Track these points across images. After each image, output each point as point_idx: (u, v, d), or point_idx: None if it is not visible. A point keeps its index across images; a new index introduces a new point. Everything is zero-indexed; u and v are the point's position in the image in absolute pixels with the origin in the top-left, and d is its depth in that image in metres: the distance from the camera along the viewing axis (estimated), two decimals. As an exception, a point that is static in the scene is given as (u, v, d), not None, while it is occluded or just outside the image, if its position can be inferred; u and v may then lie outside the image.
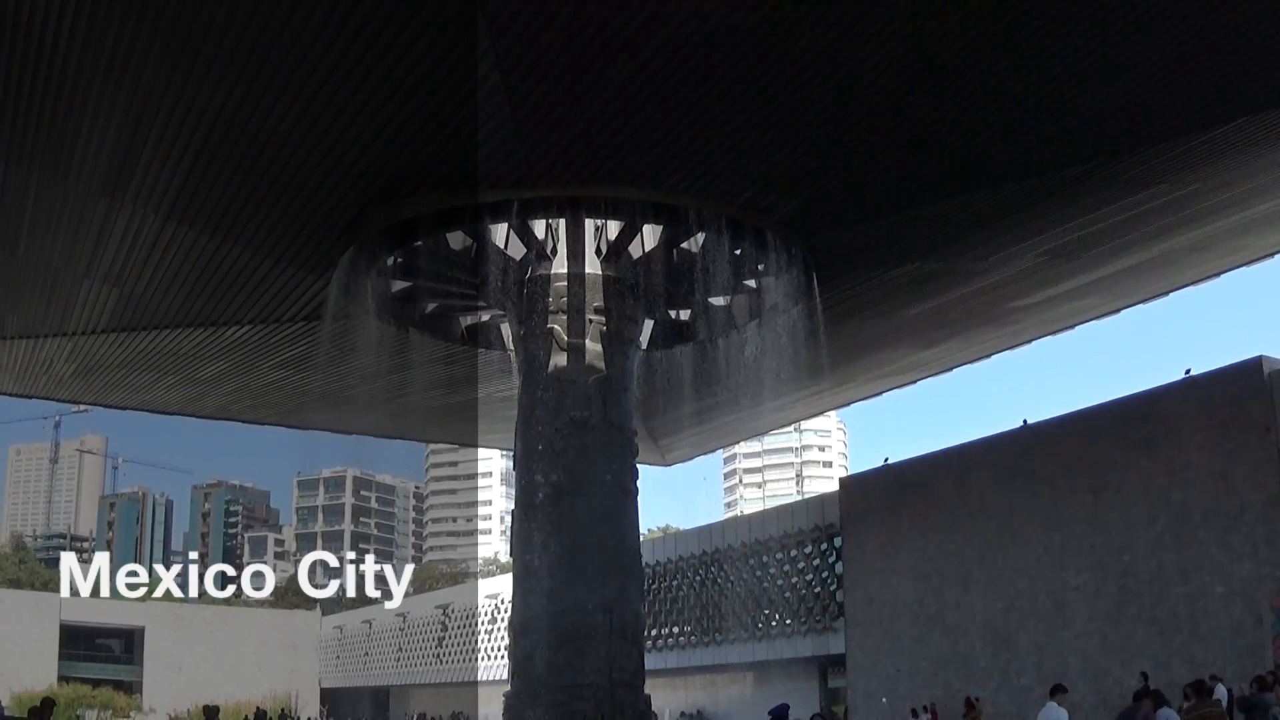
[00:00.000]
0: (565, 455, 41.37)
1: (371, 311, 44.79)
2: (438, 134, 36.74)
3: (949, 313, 52.82)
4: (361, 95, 33.24)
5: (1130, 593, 60.99)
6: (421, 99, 34.11)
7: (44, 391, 66.71)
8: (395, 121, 35.44)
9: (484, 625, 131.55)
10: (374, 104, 33.86)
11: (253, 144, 36.00)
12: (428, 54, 31.82)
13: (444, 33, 30.91)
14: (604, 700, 39.99)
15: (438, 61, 32.17)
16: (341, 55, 31.48)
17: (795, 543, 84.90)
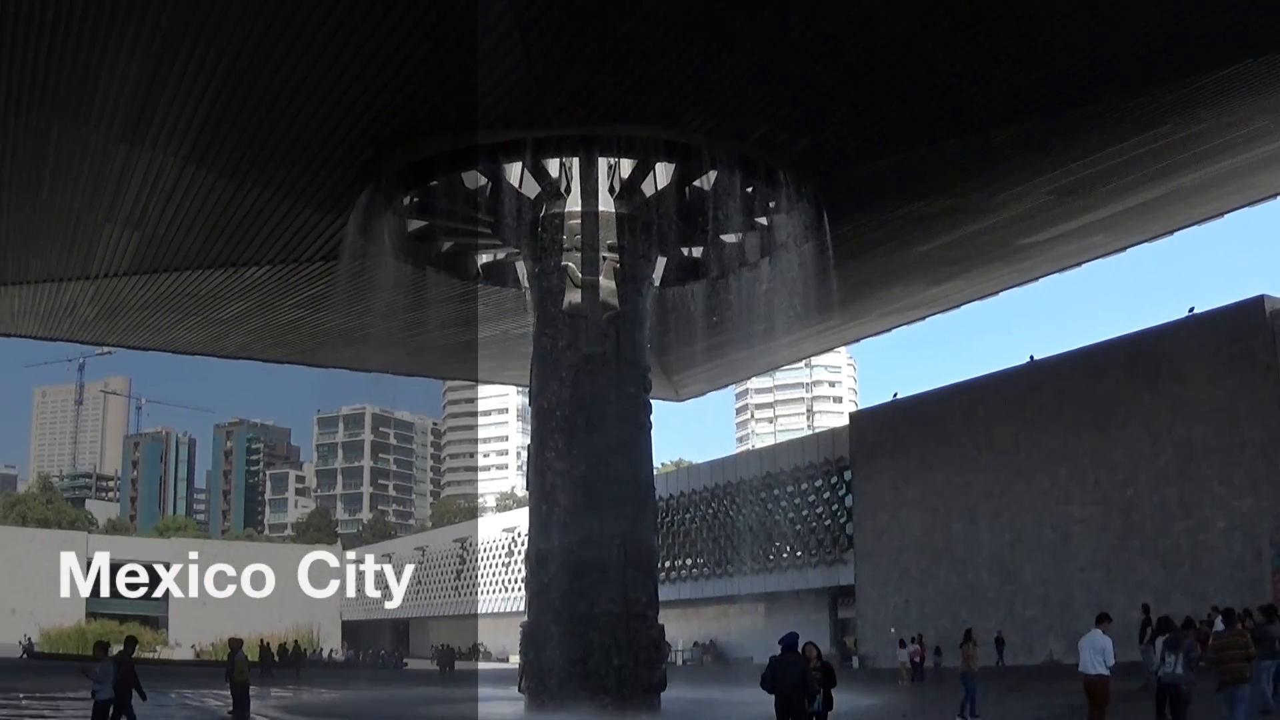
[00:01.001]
0: (579, 390, 42.03)
1: (388, 251, 45.51)
2: (452, 74, 37.26)
3: (958, 250, 53.23)
4: (377, 36, 33.69)
5: (1133, 526, 61.73)
6: (435, 40, 34.58)
7: (68, 334, 67.30)
8: (410, 62, 35.93)
9: (501, 558, 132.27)
10: (389, 45, 34.31)
11: (270, 86, 36.57)
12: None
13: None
14: (619, 630, 40.75)
15: (451, 2, 32.64)
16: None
17: (806, 476, 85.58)
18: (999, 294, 63.18)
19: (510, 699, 45.06)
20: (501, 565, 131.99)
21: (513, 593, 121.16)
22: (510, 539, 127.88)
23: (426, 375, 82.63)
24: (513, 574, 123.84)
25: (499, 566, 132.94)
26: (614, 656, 40.15)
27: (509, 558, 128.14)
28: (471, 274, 50.48)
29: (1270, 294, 57.80)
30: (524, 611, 45.26)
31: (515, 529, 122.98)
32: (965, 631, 38.74)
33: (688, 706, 43.07)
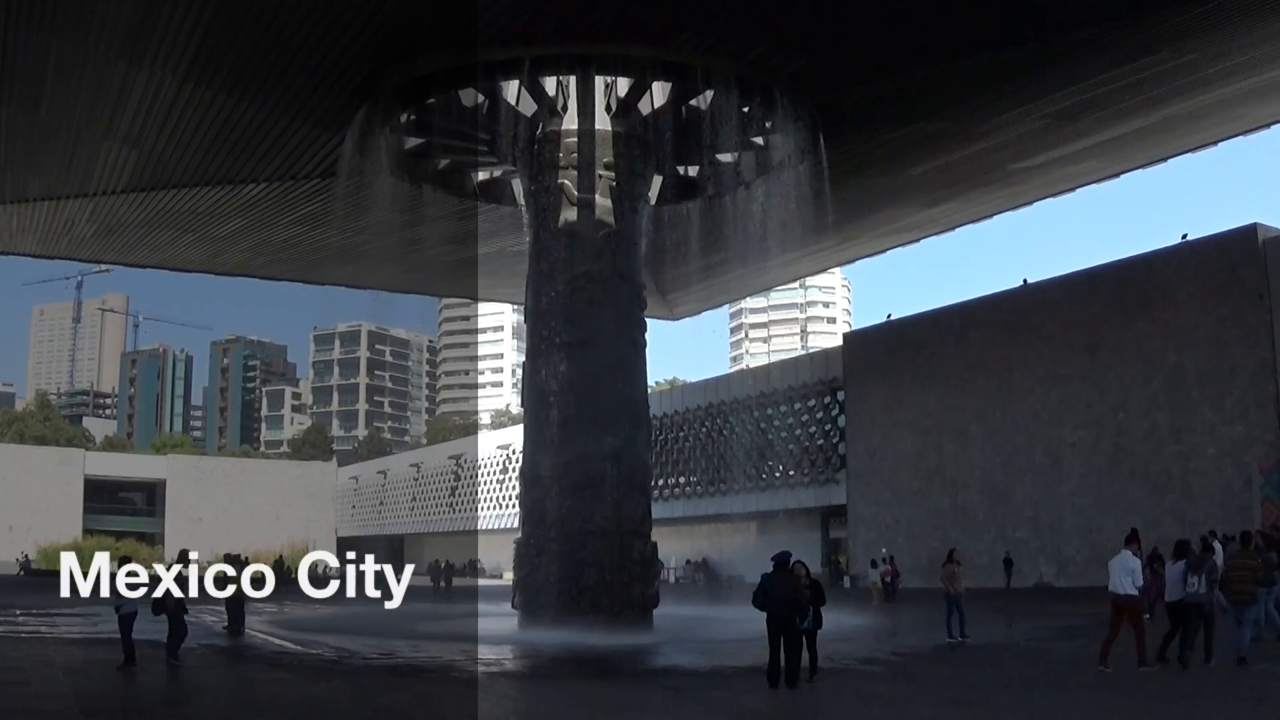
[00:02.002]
0: (575, 308, 42.27)
1: (386, 168, 45.61)
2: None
3: (953, 173, 53.33)
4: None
5: (1124, 451, 61.99)
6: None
7: (66, 252, 67.43)
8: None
9: (495, 475, 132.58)
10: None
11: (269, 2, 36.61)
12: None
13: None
14: (612, 547, 41.18)
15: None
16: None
17: (799, 396, 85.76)
18: (993, 217, 63.35)
19: (504, 615, 45.40)
20: (496, 482, 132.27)
21: (507, 509, 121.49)
22: (505, 456, 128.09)
23: (423, 292, 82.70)
24: (507, 491, 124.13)
25: (494, 483, 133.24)
26: (607, 573, 40.58)
27: (504, 475, 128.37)
28: (468, 191, 50.63)
29: (1262, 222, 58.00)
30: (518, 528, 45.65)
31: (510, 446, 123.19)
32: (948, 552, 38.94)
33: (680, 623, 43.38)
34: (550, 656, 33.75)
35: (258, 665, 27.91)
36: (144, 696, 23.20)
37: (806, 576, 25.51)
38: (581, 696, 24.62)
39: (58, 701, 21.21)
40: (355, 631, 40.66)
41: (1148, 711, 22.36)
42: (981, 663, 31.70)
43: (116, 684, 24.54)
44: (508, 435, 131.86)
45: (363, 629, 42.06)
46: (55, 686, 23.29)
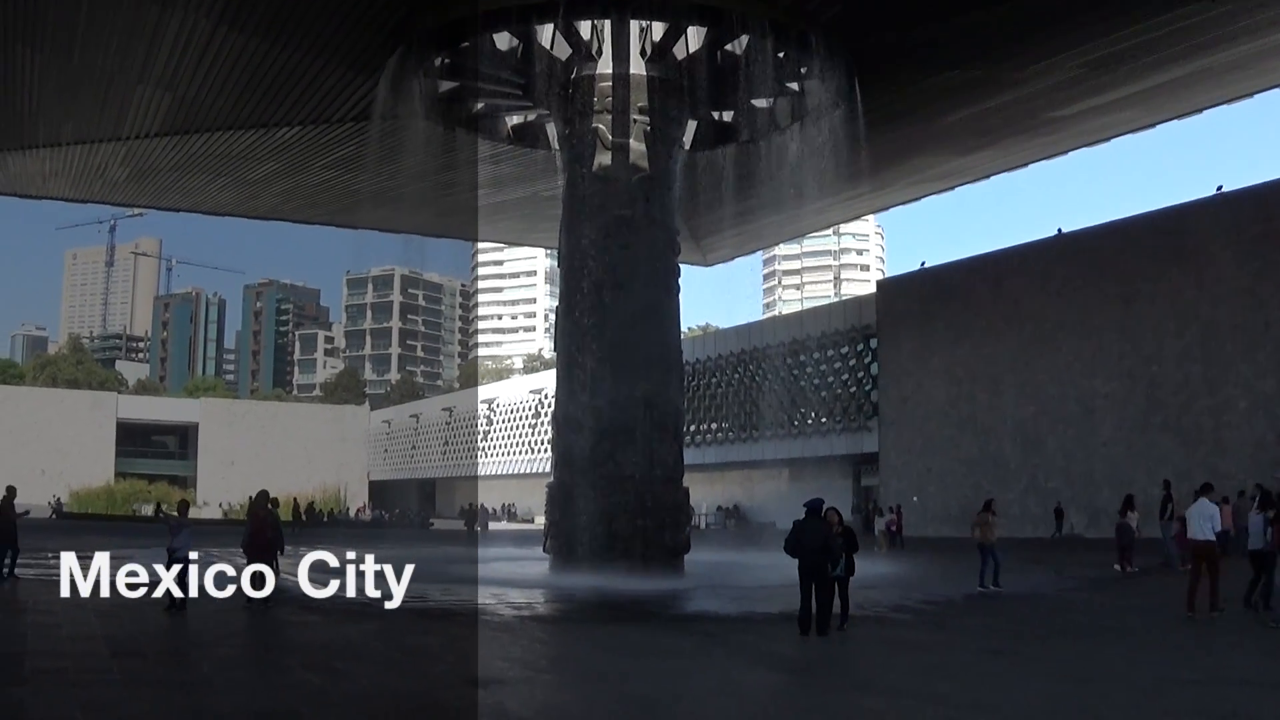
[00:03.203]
0: (609, 253, 42.18)
1: (419, 112, 45.49)
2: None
3: (988, 121, 53.02)
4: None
5: (1157, 402, 61.79)
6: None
7: (99, 196, 67.64)
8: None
9: (528, 420, 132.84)
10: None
11: (304, -55, 36.53)
12: None
13: None
14: (644, 493, 41.17)
15: None
16: None
17: (832, 343, 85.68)
18: (1027, 166, 62.91)
19: (536, 559, 45.47)
20: (528, 427, 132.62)
21: (539, 454, 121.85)
22: (537, 401, 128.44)
23: (456, 236, 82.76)
24: (539, 436, 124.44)
25: (526, 428, 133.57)
26: (639, 518, 40.60)
27: (535, 419, 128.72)
28: (502, 135, 50.53)
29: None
30: (550, 473, 45.69)
31: (542, 390, 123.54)
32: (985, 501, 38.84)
33: (711, 569, 43.30)
34: (581, 601, 33.76)
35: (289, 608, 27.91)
36: (174, 639, 23.28)
37: (839, 523, 25.47)
38: (612, 641, 24.65)
39: (89, 644, 21.27)
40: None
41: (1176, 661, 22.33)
42: (1013, 613, 31.66)
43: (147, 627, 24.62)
44: (540, 380, 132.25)
45: (394, 572, 42.19)
46: (87, 629, 23.36)
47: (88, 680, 17.16)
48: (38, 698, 15.78)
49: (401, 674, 18.95)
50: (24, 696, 15.77)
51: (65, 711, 14.87)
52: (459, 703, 16.26)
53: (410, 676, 18.66)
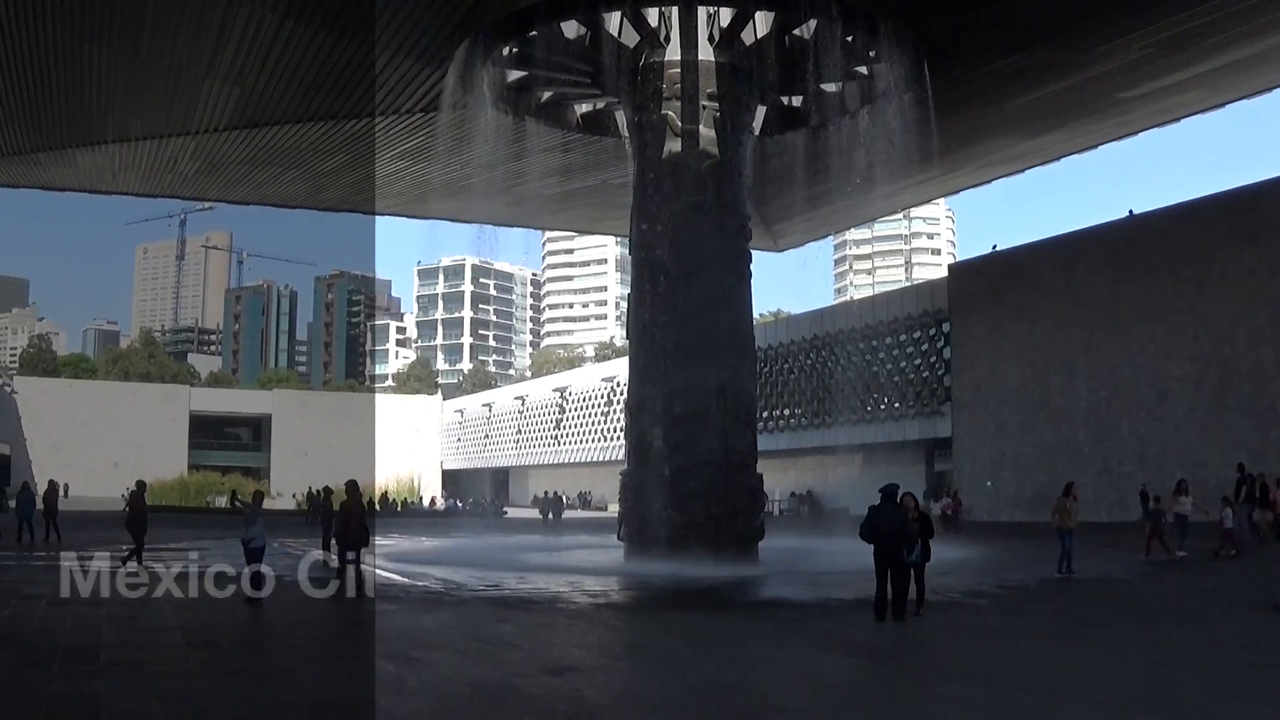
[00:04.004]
0: (680, 240, 42.12)
1: (488, 101, 45.53)
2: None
3: (1057, 103, 52.64)
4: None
5: (1230, 385, 61.08)
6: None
7: (169, 190, 68.08)
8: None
9: (600, 407, 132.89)
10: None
11: (371, -63, 36.59)
12: None
13: None
14: (718, 479, 41.13)
15: None
16: None
17: (904, 328, 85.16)
18: (1097, 148, 62.48)
19: (610, 547, 45.50)
20: (601, 415, 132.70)
21: (612, 442, 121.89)
22: (609, 388, 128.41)
23: (526, 226, 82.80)
24: (612, 423, 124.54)
25: (598, 416, 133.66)
26: (713, 505, 40.56)
27: (608, 407, 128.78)
28: (571, 124, 50.58)
29: (1375, 154, 56.93)
30: (623, 460, 45.70)
31: (614, 378, 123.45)
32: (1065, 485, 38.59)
33: (785, 556, 43.27)
34: (656, 588, 33.80)
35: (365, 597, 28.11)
36: (249, 630, 23.40)
37: (915, 509, 25.39)
38: (688, 628, 24.65)
39: (164, 635, 21.41)
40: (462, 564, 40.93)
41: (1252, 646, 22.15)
42: (1088, 597, 31.52)
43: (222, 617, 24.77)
44: (612, 368, 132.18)
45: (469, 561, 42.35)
46: (162, 620, 23.52)
47: (164, 671, 17.27)
48: (114, 689, 15.89)
49: (478, 662, 18.98)
50: (100, 688, 15.88)
51: (141, 703, 14.95)
52: (536, 690, 16.29)
53: (487, 665, 18.69)
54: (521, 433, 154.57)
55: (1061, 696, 16.40)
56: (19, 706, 14.68)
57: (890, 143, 45.57)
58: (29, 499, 50.45)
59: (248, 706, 15.02)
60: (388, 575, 35.35)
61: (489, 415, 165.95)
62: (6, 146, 56.76)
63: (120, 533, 42.18)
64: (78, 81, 48.18)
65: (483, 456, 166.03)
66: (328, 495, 42.18)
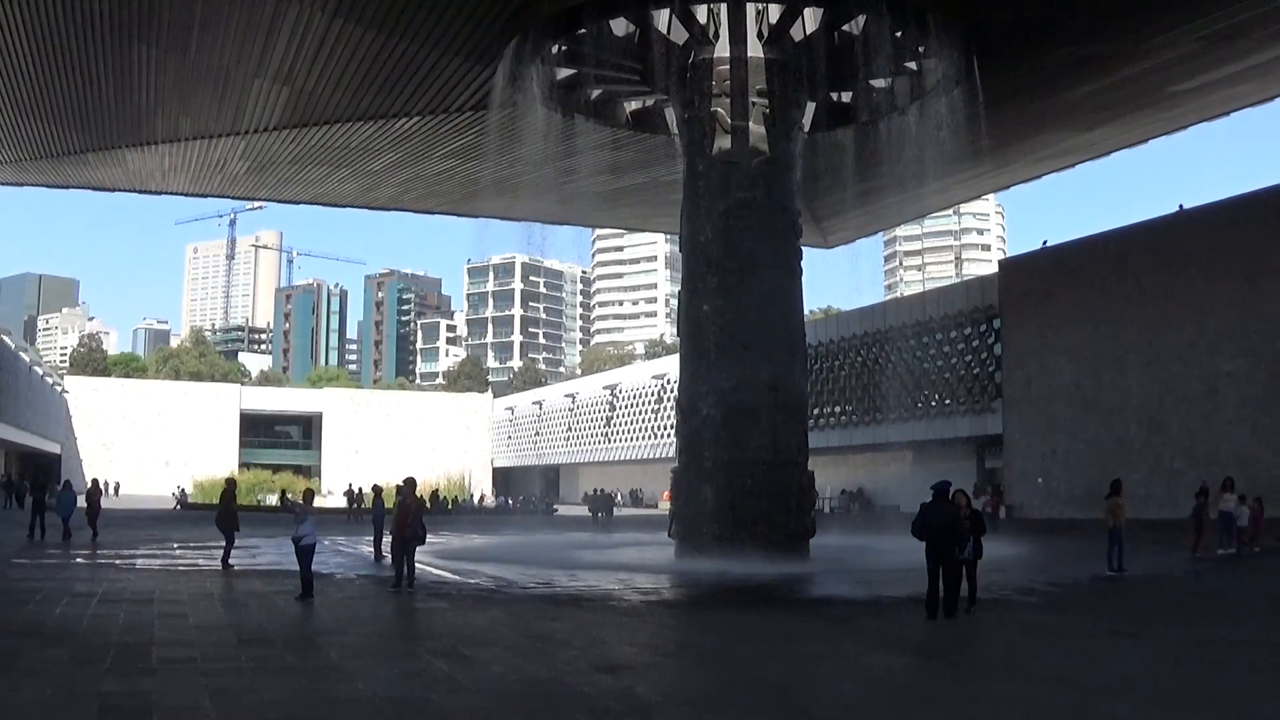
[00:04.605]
0: (730, 237, 42.08)
1: (538, 99, 45.57)
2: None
3: (1107, 97, 52.43)
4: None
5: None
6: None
7: (219, 190, 68.48)
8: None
9: (650, 405, 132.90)
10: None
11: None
12: None
13: None
14: (769, 476, 41.11)
15: None
16: None
17: (955, 324, 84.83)
18: (1148, 142, 62.17)
19: (661, 544, 45.52)
20: (651, 412, 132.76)
21: (662, 439, 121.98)
22: (660, 386, 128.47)
23: (576, 223, 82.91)
24: (662, 421, 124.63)
25: (649, 413, 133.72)
26: (764, 502, 40.55)
27: (658, 404, 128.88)
28: (621, 121, 50.60)
29: None
30: (674, 458, 45.71)
31: (665, 375, 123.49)
32: (1112, 483, 38.45)
33: (836, 553, 43.22)
34: (707, 586, 33.81)
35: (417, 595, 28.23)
36: (301, 627, 23.49)
37: (967, 506, 25.34)
38: (739, 625, 24.64)
39: (216, 633, 21.52)
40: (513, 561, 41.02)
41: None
42: (1139, 594, 31.44)
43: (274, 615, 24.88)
44: (663, 365, 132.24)
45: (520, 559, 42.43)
46: (214, 618, 23.66)
47: (216, 669, 17.34)
48: (166, 686, 15.95)
49: (530, 660, 19.01)
50: (152, 686, 15.94)
51: (194, 700, 15.01)
52: (588, 688, 16.31)
53: (539, 662, 18.72)
54: (572, 430, 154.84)
55: (1112, 694, 16.35)
56: (72, 704, 14.76)
57: (940, 138, 45.41)
58: (70, 498, 50.60)
59: (300, 705, 15.07)
60: (439, 573, 35.44)
61: (539, 413, 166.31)
62: (57, 147, 57.20)
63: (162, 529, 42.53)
64: (127, 82, 48.48)
65: (533, 454, 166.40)
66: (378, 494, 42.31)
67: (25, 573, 34.61)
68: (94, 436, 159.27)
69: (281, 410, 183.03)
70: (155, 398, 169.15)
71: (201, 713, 14.28)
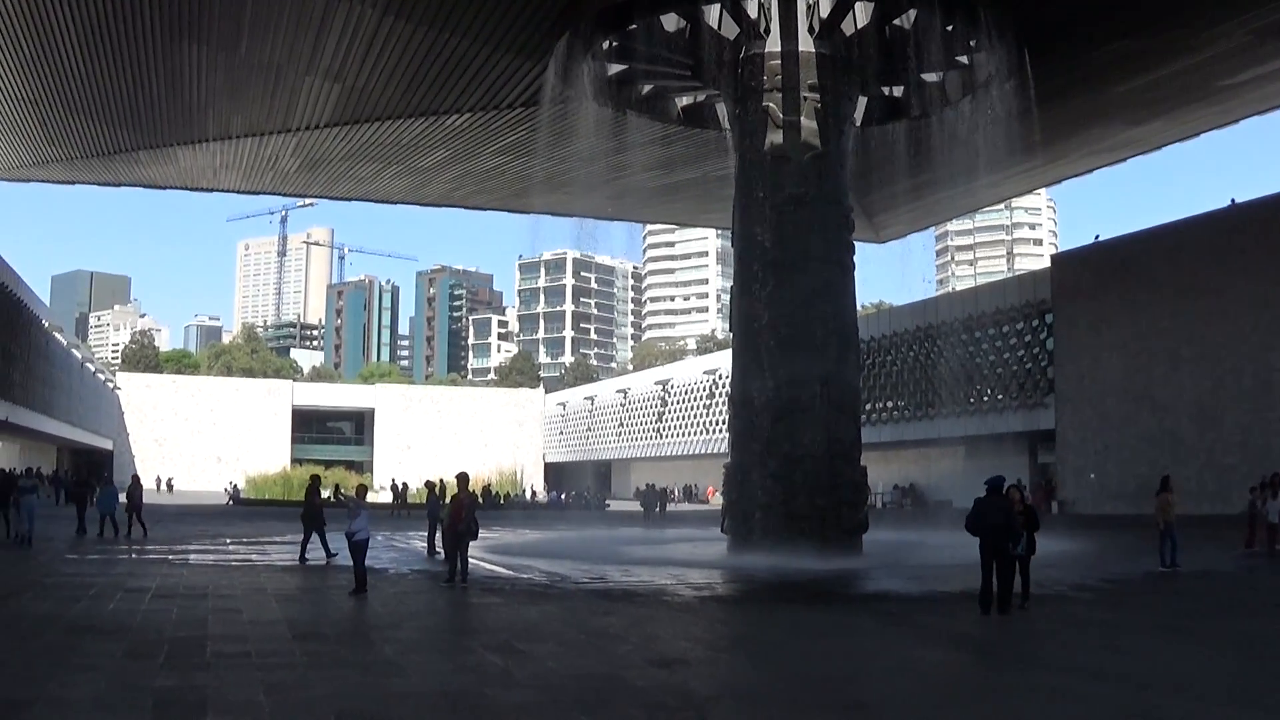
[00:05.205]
0: (783, 231, 41.96)
1: (588, 95, 45.58)
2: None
3: (1159, 91, 52.24)
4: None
5: (1336, 376, 60.39)
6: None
7: (270, 187, 68.84)
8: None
9: (702, 400, 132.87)
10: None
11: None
12: None
13: None
14: (822, 471, 40.98)
15: None
16: None
17: (1007, 319, 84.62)
18: (1199, 135, 61.92)
19: (714, 539, 45.47)
20: (703, 407, 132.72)
21: (714, 434, 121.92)
22: (711, 381, 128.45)
23: (627, 219, 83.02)
24: (714, 416, 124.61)
25: (700, 408, 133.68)
26: (817, 497, 40.41)
27: (710, 399, 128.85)
28: (672, 116, 50.58)
29: None
30: (725, 453, 45.67)
31: (717, 370, 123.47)
32: (1163, 479, 38.18)
33: (889, 548, 43.10)
34: (761, 581, 33.76)
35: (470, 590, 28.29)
36: (355, 622, 23.56)
37: (1020, 501, 25.27)
38: (793, 621, 24.61)
39: (270, 628, 21.58)
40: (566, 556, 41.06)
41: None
42: (1193, 590, 31.29)
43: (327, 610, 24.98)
44: (714, 360, 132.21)
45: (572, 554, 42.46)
46: (267, 613, 23.72)
47: (270, 664, 17.39)
48: (221, 681, 16.01)
49: (584, 654, 19.04)
50: (207, 681, 16.00)
51: (248, 694, 15.06)
52: (643, 682, 16.31)
53: (593, 657, 18.75)
54: (624, 425, 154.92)
55: (1166, 690, 16.29)
56: (127, 699, 14.84)
57: (991, 132, 45.25)
58: (111, 494, 50.65)
59: (355, 699, 15.12)
60: (492, 568, 35.49)
61: (591, 408, 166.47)
62: (108, 145, 57.59)
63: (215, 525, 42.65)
64: (178, 80, 48.78)
65: (585, 449, 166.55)
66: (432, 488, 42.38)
67: (78, 568, 34.78)
68: (146, 433, 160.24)
69: (334, 406, 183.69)
70: (207, 394, 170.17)
71: (256, 707, 14.33)
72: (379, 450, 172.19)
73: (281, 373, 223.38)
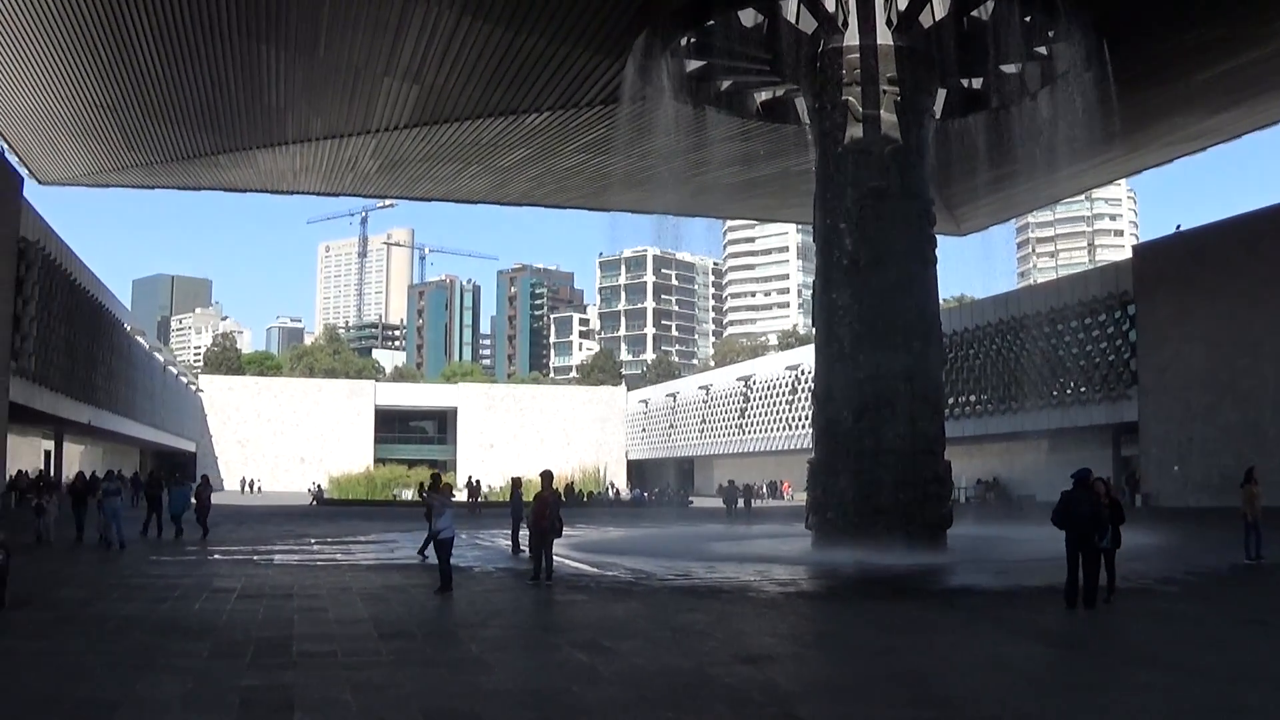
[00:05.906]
0: (864, 225, 41.88)
1: (668, 92, 45.61)
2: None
3: (1238, 79, 51.80)
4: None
5: None
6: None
7: (350, 189, 69.28)
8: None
9: (785, 396, 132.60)
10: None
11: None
12: None
13: None
14: (906, 466, 40.90)
15: None
16: None
17: (1089, 310, 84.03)
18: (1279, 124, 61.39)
19: (798, 535, 45.42)
20: (785, 403, 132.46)
21: (797, 430, 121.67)
22: (794, 376, 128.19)
23: (707, 215, 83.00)
24: (796, 411, 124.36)
25: (783, 404, 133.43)
26: (901, 492, 40.31)
27: (793, 395, 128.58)
28: (751, 112, 50.53)
29: None
30: (808, 449, 45.60)
31: (799, 366, 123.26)
32: (1247, 471, 37.76)
33: (973, 543, 42.93)
34: (846, 576, 33.72)
35: (555, 588, 28.39)
36: (441, 620, 23.65)
37: (1106, 494, 25.14)
38: (878, 616, 24.60)
39: (356, 627, 21.70)
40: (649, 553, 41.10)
41: None
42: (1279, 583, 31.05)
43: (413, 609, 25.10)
44: (796, 356, 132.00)
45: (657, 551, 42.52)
46: (353, 612, 23.86)
47: (357, 663, 17.49)
48: (307, 680, 16.11)
49: (670, 651, 19.06)
50: (293, 680, 16.11)
51: (335, 693, 15.16)
52: (730, 679, 16.34)
53: (679, 653, 18.76)
54: (706, 422, 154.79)
55: (1252, 683, 16.20)
56: (213, 698, 14.96)
57: (1071, 123, 44.98)
58: (183, 495, 50.93)
59: (442, 697, 15.19)
60: (577, 565, 35.57)
61: (673, 405, 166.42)
62: (188, 150, 58.12)
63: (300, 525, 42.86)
64: (256, 83, 49.18)
65: (667, 446, 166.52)
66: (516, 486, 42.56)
67: (163, 569, 35.03)
68: (229, 434, 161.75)
69: (416, 406, 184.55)
70: (290, 395, 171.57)
71: (342, 706, 14.43)
72: (462, 449, 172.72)
73: (364, 373, 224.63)
